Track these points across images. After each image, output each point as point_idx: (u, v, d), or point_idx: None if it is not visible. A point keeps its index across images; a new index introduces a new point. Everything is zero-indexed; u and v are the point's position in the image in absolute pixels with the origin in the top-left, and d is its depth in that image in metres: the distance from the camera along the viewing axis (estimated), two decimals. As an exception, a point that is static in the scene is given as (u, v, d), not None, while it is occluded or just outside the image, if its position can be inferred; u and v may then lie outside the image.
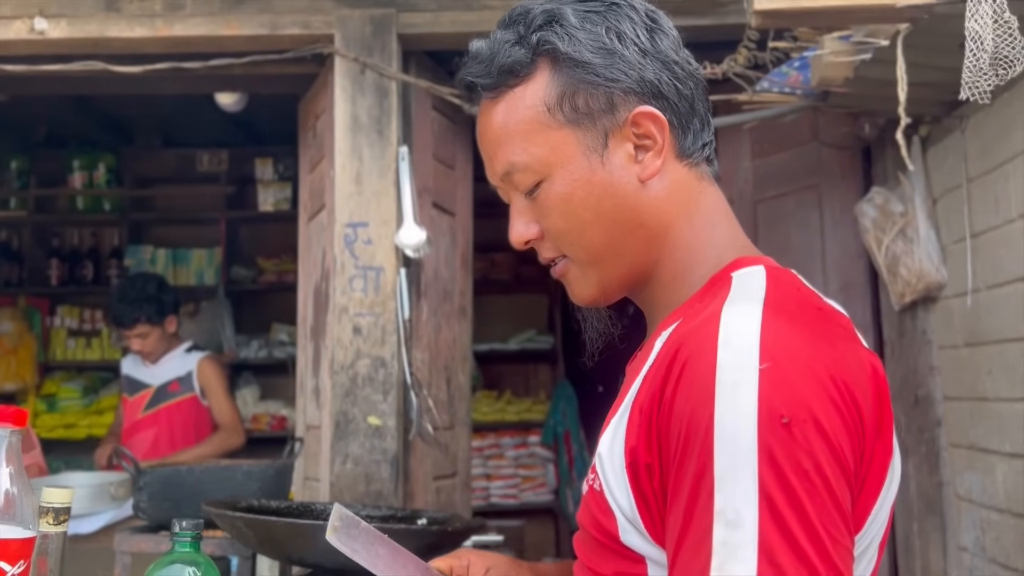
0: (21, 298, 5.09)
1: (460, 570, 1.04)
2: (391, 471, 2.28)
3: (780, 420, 0.67)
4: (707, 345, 0.71)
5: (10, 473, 1.08)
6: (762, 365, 0.69)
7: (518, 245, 0.93)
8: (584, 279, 0.89)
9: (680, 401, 0.71)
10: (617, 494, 0.76)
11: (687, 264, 0.86)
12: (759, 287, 0.78)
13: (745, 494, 0.66)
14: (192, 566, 1.09)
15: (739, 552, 0.65)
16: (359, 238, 2.35)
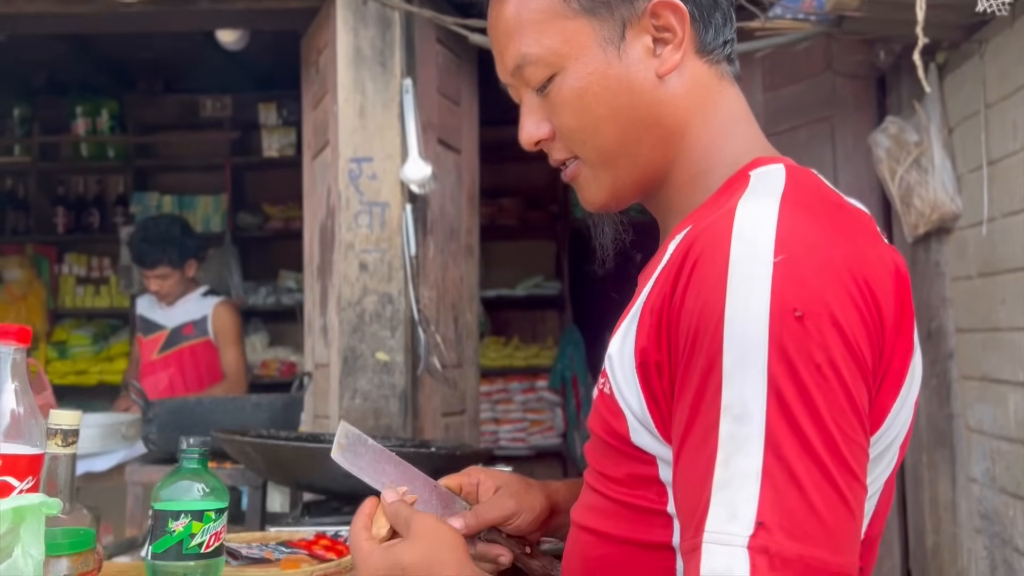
0: (28, 246, 5.09)
1: (469, 487, 1.02)
2: (400, 406, 2.28)
3: (793, 313, 0.65)
4: (721, 240, 0.69)
5: (15, 390, 1.07)
6: (776, 258, 0.66)
7: (528, 146, 0.89)
8: (596, 181, 0.86)
9: (691, 297, 0.69)
10: (627, 395, 0.75)
11: (704, 165, 0.83)
12: (778, 183, 0.75)
13: (754, 388, 0.64)
14: (200, 483, 1.09)
15: (745, 446, 0.64)
16: (364, 173, 2.32)
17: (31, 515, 0.75)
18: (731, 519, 0.63)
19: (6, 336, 1.07)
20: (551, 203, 5.26)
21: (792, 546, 0.62)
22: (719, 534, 0.63)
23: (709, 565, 0.63)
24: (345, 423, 1.01)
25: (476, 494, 1.02)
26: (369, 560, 0.85)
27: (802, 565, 0.62)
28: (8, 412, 1.06)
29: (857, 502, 0.65)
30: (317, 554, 1.29)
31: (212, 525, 1.07)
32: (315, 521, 1.53)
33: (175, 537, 1.06)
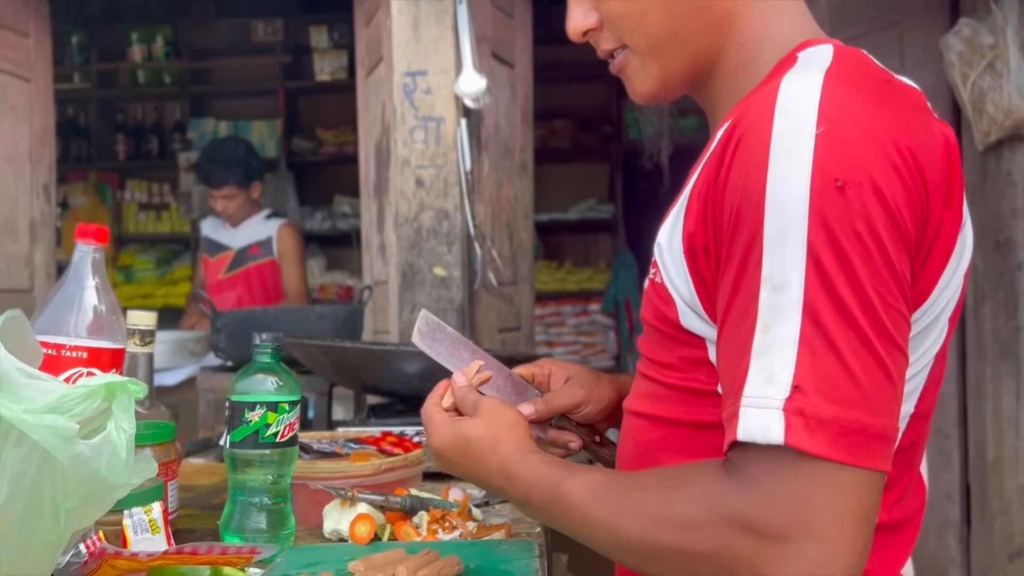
0: (92, 173, 5.22)
1: (541, 377, 1.06)
2: (457, 320, 2.32)
3: (834, 183, 0.64)
4: (764, 115, 0.68)
5: (96, 287, 1.11)
6: (819, 129, 0.66)
7: (576, 37, 0.89)
8: (644, 71, 0.85)
9: (734, 175, 0.69)
10: (676, 281, 0.76)
11: (753, 52, 0.82)
12: (824, 58, 0.74)
13: (793, 258, 0.64)
14: (273, 376, 1.13)
15: (783, 314, 0.64)
16: (418, 87, 2.31)
17: (121, 392, 0.79)
18: (768, 383, 0.64)
19: (86, 235, 1.11)
20: (604, 124, 5.19)
21: (828, 408, 0.63)
22: (756, 398, 0.65)
23: (745, 428, 0.65)
24: (425, 311, 1.04)
25: (547, 384, 1.05)
26: (440, 430, 0.89)
27: (838, 426, 0.63)
28: (91, 308, 1.10)
29: (897, 368, 0.65)
30: (384, 449, 1.34)
31: (286, 416, 1.12)
32: (380, 423, 1.59)
33: (251, 427, 1.10)
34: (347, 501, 1.16)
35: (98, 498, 0.80)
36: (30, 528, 0.77)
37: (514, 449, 0.84)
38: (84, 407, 0.76)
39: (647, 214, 4.76)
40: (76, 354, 1.08)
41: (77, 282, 1.11)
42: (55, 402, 0.74)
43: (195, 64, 5.24)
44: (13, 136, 2.77)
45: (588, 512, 0.74)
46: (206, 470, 1.62)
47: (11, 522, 0.75)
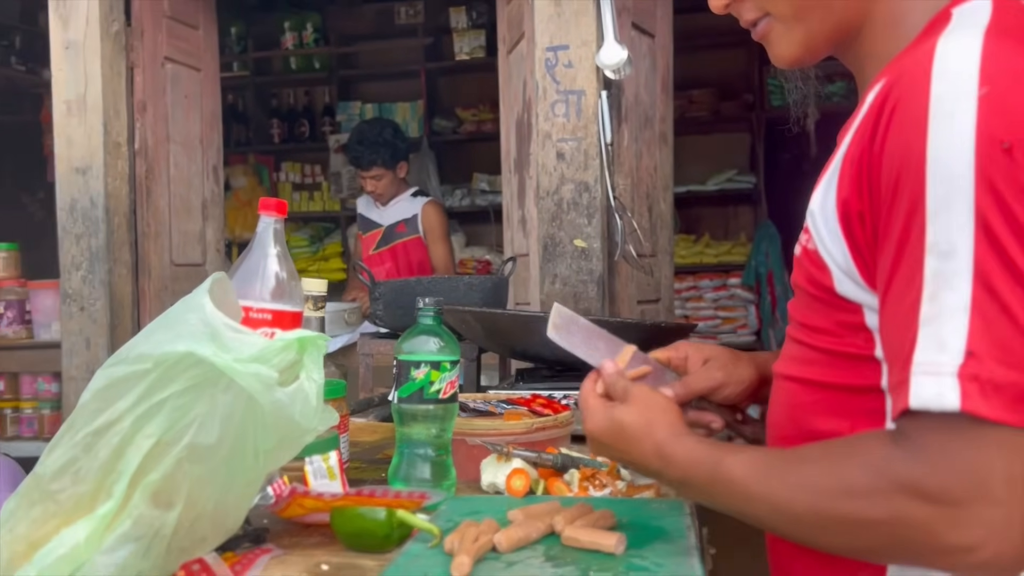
0: (250, 156, 5.57)
1: (678, 361, 1.06)
2: (597, 291, 2.36)
3: (1000, 145, 0.63)
4: (920, 78, 0.67)
5: (278, 255, 1.21)
6: (981, 91, 0.64)
7: (718, 9, 0.89)
8: (788, 36, 0.84)
9: (892, 140, 0.68)
10: (831, 247, 0.75)
11: (902, 10, 0.80)
12: (983, 13, 0.72)
13: (960, 224, 0.63)
14: (435, 337, 1.21)
15: (952, 280, 0.63)
16: (560, 62, 2.35)
17: (312, 345, 0.88)
18: (939, 350, 0.64)
19: (268, 208, 1.22)
20: (746, 92, 5.05)
21: (1005, 373, 0.62)
22: (927, 364, 0.64)
23: (918, 395, 0.64)
24: (558, 304, 1.08)
25: (684, 367, 1.05)
26: (595, 416, 0.91)
27: (1016, 391, 0.62)
28: (273, 274, 1.21)
29: None
30: (535, 410, 1.40)
31: (448, 374, 1.20)
32: (528, 386, 1.65)
33: (417, 384, 1.19)
34: (503, 456, 1.23)
35: (291, 441, 0.90)
36: (235, 466, 0.87)
37: (668, 431, 0.86)
38: (281, 358, 0.86)
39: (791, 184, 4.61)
40: (262, 316, 1.19)
41: (261, 250, 1.22)
42: (258, 353, 0.84)
43: (342, 49, 5.48)
44: (187, 122, 3.01)
45: (752, 488, 0.75)
46: (368, 428, 1.74)
47: (220, 460, 0.85)
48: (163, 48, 2.89)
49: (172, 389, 0.83)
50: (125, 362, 0.84)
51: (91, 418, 0.83)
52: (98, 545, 0.75)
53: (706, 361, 1.05)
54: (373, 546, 0.98)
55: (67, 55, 2.67)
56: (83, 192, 2.66)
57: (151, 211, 2.82)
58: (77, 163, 2.67)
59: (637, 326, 1.57)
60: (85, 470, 0.77)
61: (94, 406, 0.84)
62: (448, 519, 1.06)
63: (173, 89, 2.94)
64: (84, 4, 2.65)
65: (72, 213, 2.68)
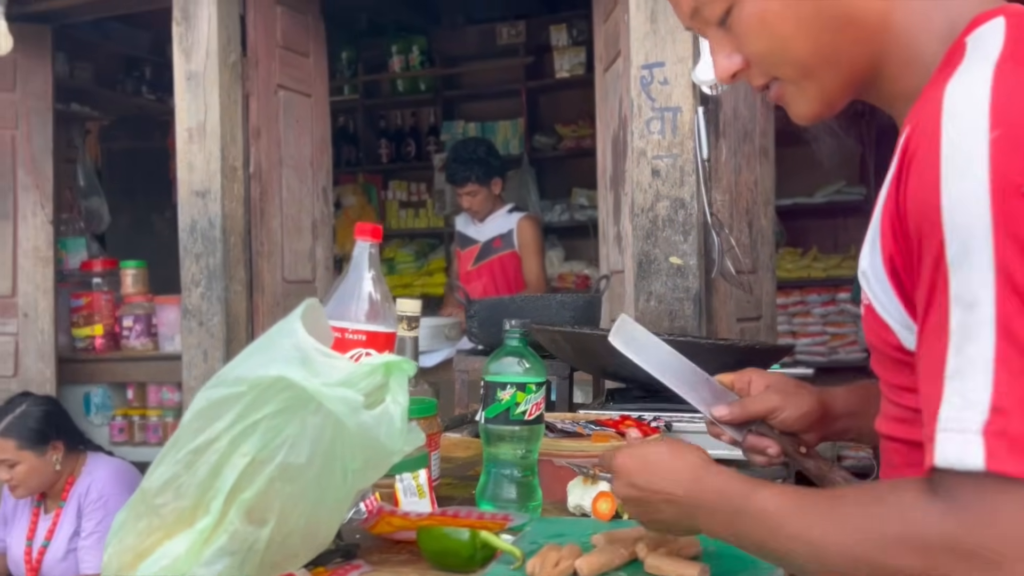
0: (360, 175, 5.78)
1: (741, 385, 1.07)
2: (694, 309, 2.33)
3: (1018, 190, 0.60)
4: (932, 127, 0.65)
5: (372, 278, 1.26)
6: (993, 133, 0.62)
7: (725, 80, 0.87)
8: (803, 95, 0.83)
9: (912, 191, 0.66)
10: (887, 304, 0.74)
11: (915, 48, 0.77)
12: (994, 44, 0.68)
13: (981, 274, 0.62)
14: (521, 359, 1.24)
15: (976, 333, 0.62)
16: (655, 79, 2.34)
17: (397, 370, 0.92)
18: (965, 406, 0.62)
19: (363, 233, 1.27)
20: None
21: None
22: (952, 421, 0.63)
23: (942, 454, 0.63)
24: (624, 315, 1.09)
25: (747, 391, 1.06)
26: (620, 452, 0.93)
27: None
28: (368, 297, 1.27)
29: None
30: (623, 432, 1.41)
31: (533, 396, 1.22)
32: (618, 407, 1.65)
33: (503, 405, 1.22)
34: (589, 479, 1.24)
35: (377, 462, 0.94)
36: (324, 485, 0.91)
37: (698, 457, 0.86)
38: (368, 382, 0.90)
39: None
40: (356, 337, 1.25)
41: (357, 274, 1.28)
42: (345, 377, 0.88)
43: (446, 70, 5.62)
44: (298, 146, 3.16)
45: (785, 522, 0.74)
46: (462, 444, 1.78)
47: (310, 479, 0.90)
48: (276, 76, 3.05)
49: (266, 411, 0.88)
50: (223, 384, 0.89)
51: (192, 437, 0.89)
52: (197, 558, 0.80)
53: (768, 387, 1.05)
54: (457, 566, 1.01)
55: (189, 85, 2.85)
56: (202, 214, 2.83)
57: (264, 231, 2.97)
58: (197, 187, 2.84)
59: (731, 348, 1.55)
60: (186, 486, 0.83)
61: (195, 425, 0.90)
62: (532, 541, 1.08)
63: (285, 115, 3.09)
64: (205, 37, 2.83)
65: (192, 234, 2.85)
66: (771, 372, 1.12)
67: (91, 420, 3.61)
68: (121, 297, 3.67)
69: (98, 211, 4.18)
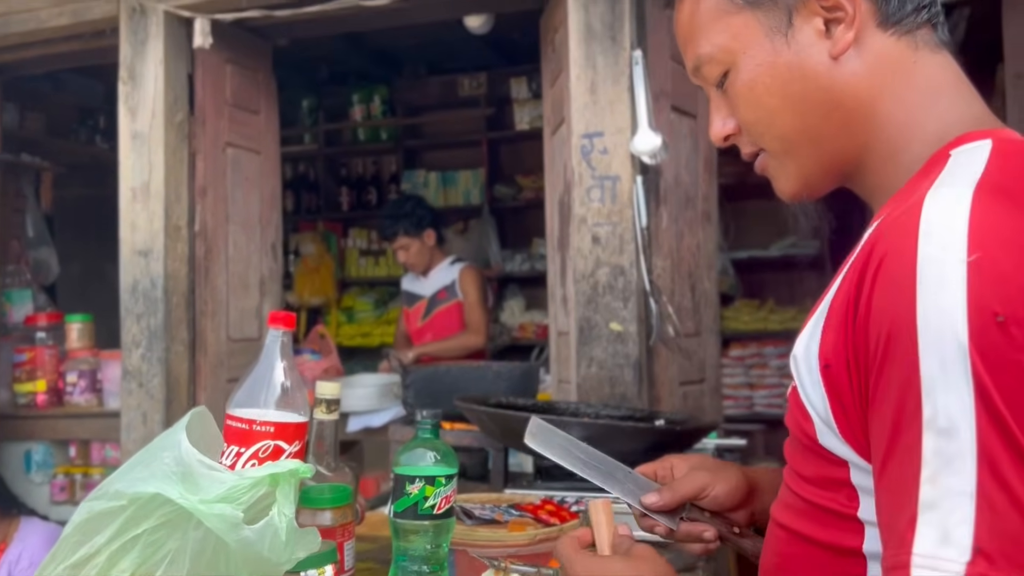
0: (319, 223, 5.76)
1: (664, 472, 1.05)
2: (634, 375, 2.34)
3: (994, 318, 0.60)
4: (907, 238, 0.64)
5: (284, 368, 1.25)
6: (970, 257, 0.61)
7: (717, 142, 0.90)
8: (783, 171, 0.84)
9: (879, 300, 0.65)
10: (812, 396, 0.72)
11: (899, 144, 0.78)
12: (977, 165, 0.69)
13: (959, 401, 0.60)
14: (433, 451, 1.23)
15: (955, 463, 0.59)
16: (595, 148, 2.37)
17: (284, 480, 0.90)
18: (943, 543, 0.59)
19: (276, 322, 1.26)
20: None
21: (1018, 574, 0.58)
22: (931, 559, 0.60)
23: None
24: (535, 417, 1.08)
25: (670, 478, 1.04)
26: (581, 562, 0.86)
27: None
28: (279, 385, 1.25)
29: None
30: (542, 518, 1.40)
31: (443, 489, 1.21)
32: (546, 485, 1.65)
33: (412, 499, 1.20)
34: (500, 571, 1.23)
35: (264, 574, 0.92)
36: (210, 596, 0.89)
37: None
38: (251, 495, 0.88)
39: (856, 250, 4.51)
40: (264, 428, 1.22)
41: (268, 363, 1.26)
42: (226, 492, 0.86)
43: (408, 120, 5.66)
44: (246, 203, 3.15)
45: None
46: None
47: (196, 591, 0.88)
48: (225, 134, 3.04)
49: (146, 526, 0.86)
50: (104, 497, 0.88)
51: (72, 551, 0.87)
52: None
53: (691, 469, 1.04)
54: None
55: (134, 145, 2.83)
56: (144, 274, 2.80)
57: (209, 289, 2.94)
58: (139, 246, 2.82)
59: (653, 430, 1.55)
60: (57, 608, 0.81)
61: (75, 539, 0.88)
62: (434, 642, 1.06)
63: (233, 172, 3.08)
64: (151, 97, 2.82)
65: (134, 294, 2.82)
66: (691, 454, 1.11)
67: (31, 478, 3.52)
68: (66, 351, 3.60)
69: (46, 262, 4.12)
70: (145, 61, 2.83)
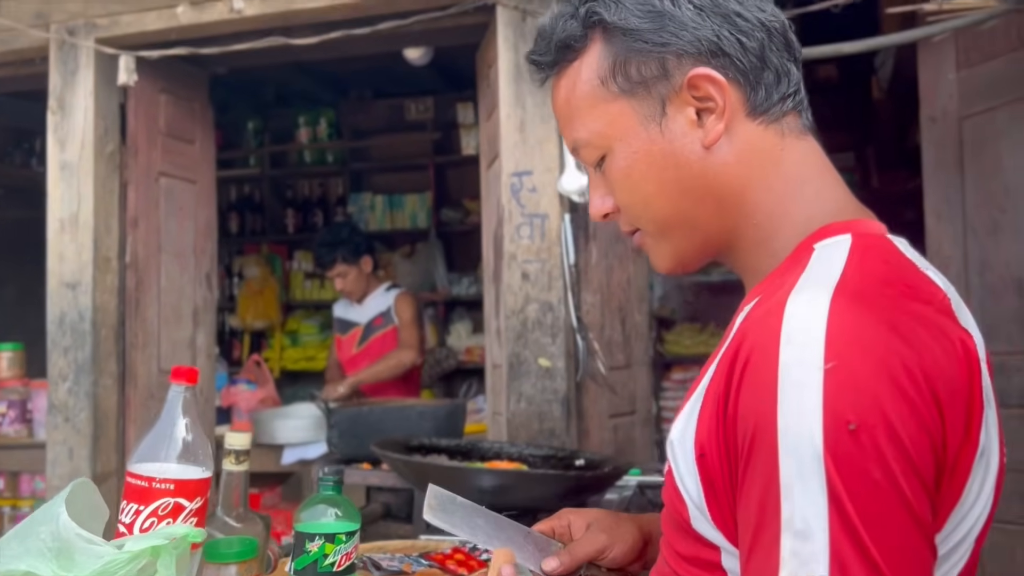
0: (264, 246, 5.72)
1: (562, 529, 1.07)
2: (562, 410, 2.36)
3: (847, 427, 0.62)
4: (770, 341, 0.67)
5: (186, 424, 1.25)
6: (827, 364, 0.63)
7: (597, 219, 0.91)
8: (659, 250, 0.87)
9: (744, 400, 0.68)
10: (687, 482, 0.75)
11: (768, 231, 0.81)
12: (837, 265, 0.72)
13: (814, 504, 0.63)
14: (334, 507, 1.23)
15: (810, 564, 0.62)
16: (524, 186, 2.41)
17: (165, 551, 0.90)
18: None
19: (178, 377, 1.26)
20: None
21: None
22: None
23: None
24: (433, 485, 1.09)
25: (568, 535, 1.06)
26: None
27: None
28: (180, 442, 1.25)
29: None
30: (450, 569, 1.41)
31: (343, 547, 1.21)
32: (462, 530, 1.65)
33: (311, 556, 1.20)
34: (403, 625, 1.23)
35: (146, 643, 0.92)
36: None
37: None
38: (129, 569, 0.88)
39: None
40: (164, 486, 1.22)
41: (169, 419, 1.26)
42: (101, 568, 0.86)
43: (354, 143, 5.65)
44: (180, 233, 3.12)
45: None
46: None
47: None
48: (157, 164, 3.02)
49: (20, 602, 0.85)
50: (-21, 573, 0.87)
51: (-57, 628, 0.86)
52: None
53: (589, 525, 1.05)
54: None
55: (62, 175, 2.80)
56: (72, 306, 2.76)
57: (139, 321, 2.91)
58: (67, 278, 2.78)
59: (558, 477, 1.57)
60: None
61: (-53, 616, 0.87)
62: None
63: (167, 202, 3.05)
64: (80, 128, 2.79)
65: (61, 326, 2.77)
66: (587, 509, 1.13)
67: (-44, 512, 3.43)
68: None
69: (-22, 288, 4.02)
70: (75, 92, 2.80)
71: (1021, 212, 2.29)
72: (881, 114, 4.72)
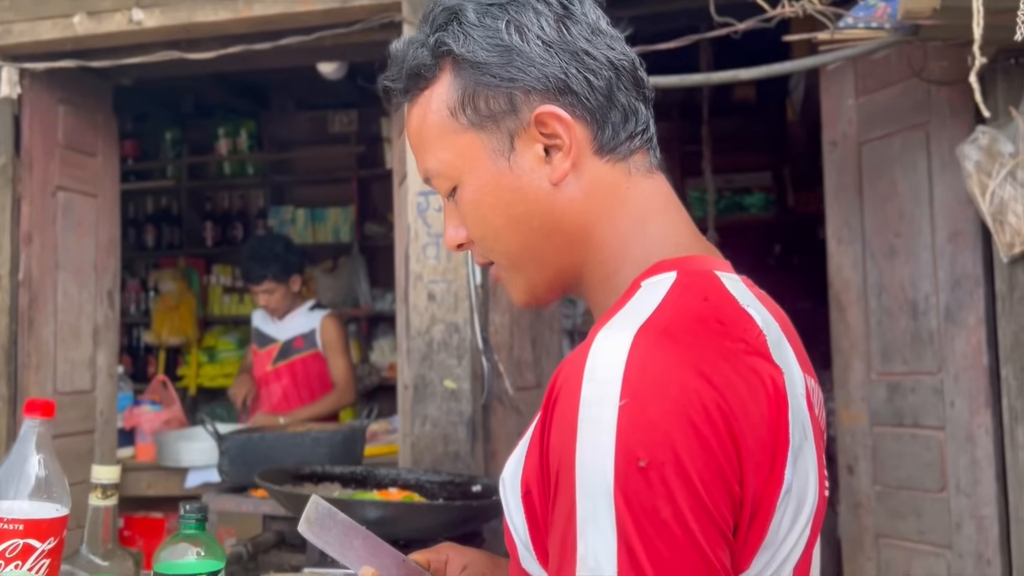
0: (181, 259, 5.56)
1: (437, 564, 1.05)
2: (467, 433, 2.34)
3: (637, 463, 0.63)
4: (575, 378, 0.67)
5: (41, 460, 1.19)
6: (621, 401, 0.64)
7: (451, 248, 0.90)
8: (512, 283, 0.87)
9: (553, 436, 0.68)
10: (516, 520, 0.75)
11: (612, 267, 0.81)
12: (651, 302, 0.72)
13: (605, 542, 0.63)
14: (196, 546, 1.18)
15: None
16: (431, 206, 2.38)
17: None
18: None
19: (32, 411, 1.20)
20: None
21: None
22: None
23: None
24: (316, 496, 1.06)
25: (444, 570, 1.04)
26: None
27: None
28: (32, 479, 1.18)
29: None
30: (328, 605, 1.36)
31: (206, 587, 1.16)
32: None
33: (170, 598, 1.15)
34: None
35: None
36: None
37: None
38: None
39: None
40: (13, 527, 1.16)
41: (21, 455, 1.20)
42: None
43: (276, 155, 5.55)
44: (79, 249, 3.00)
45: None
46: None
47: None
48: (55, 177, 2.90)
49: None
50: None
51: None
52: None
53: (465, 567, 1.03)
54: None
55: (-51, 189, 2.66)
56: (-43, 326, 2.63)
57: (33, 341, 2.78)
58: (-47, 297, 2.64)
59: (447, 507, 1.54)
60: None
61: None
62: None
63: (65, 217, 2.93)
64: (-31, 139, 2.67)
65: (-56, 347, 2.64)
66: (468, 548, 1.11)
67: None
68: None
69: None
70: (-37, 101, 2.67)
71: (915, 236, 2.36)
72: (795, 136, 4.84)
